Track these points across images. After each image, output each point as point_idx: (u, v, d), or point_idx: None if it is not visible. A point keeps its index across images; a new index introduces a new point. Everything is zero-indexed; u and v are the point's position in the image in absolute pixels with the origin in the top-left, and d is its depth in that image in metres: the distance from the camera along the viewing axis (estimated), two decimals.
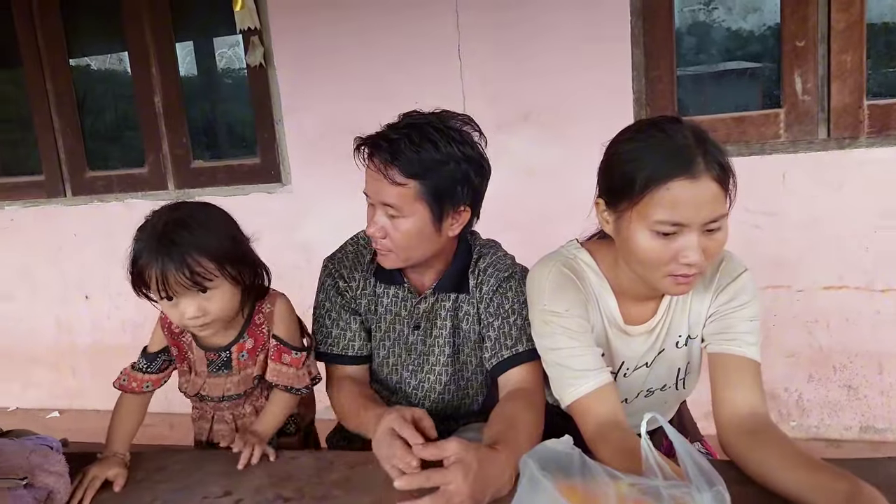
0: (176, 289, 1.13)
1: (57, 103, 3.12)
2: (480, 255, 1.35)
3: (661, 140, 1.01)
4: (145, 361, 1.31)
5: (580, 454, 0.79)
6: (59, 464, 1.10)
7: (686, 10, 2.52)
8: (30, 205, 3.23)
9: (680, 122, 1.04)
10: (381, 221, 1.23)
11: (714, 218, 0.99)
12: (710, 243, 1.01)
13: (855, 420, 2.46)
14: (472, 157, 1.23)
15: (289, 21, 2.70)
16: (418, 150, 1.17)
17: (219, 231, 1.19)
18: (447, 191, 1.21)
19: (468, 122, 1.25)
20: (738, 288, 1.15)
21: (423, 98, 2.53)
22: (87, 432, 3.25)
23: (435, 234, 1.25)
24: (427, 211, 1.21)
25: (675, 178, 0.97)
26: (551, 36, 2.45)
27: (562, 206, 2.18)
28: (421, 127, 1.19)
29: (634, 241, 1.04)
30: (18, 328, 3.37)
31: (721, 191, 0.99)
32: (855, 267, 2.35)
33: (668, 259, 1.02)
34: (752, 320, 1.14)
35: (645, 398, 1.28)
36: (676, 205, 0.98)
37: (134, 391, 1.29)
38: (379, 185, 1.20)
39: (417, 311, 1.35)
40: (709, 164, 0.98)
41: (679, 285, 1.05)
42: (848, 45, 2.23)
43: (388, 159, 1.18)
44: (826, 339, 2.43)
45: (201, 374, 1.31)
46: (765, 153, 2.36)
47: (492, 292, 1.30)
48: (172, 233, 1.13)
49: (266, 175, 2.89)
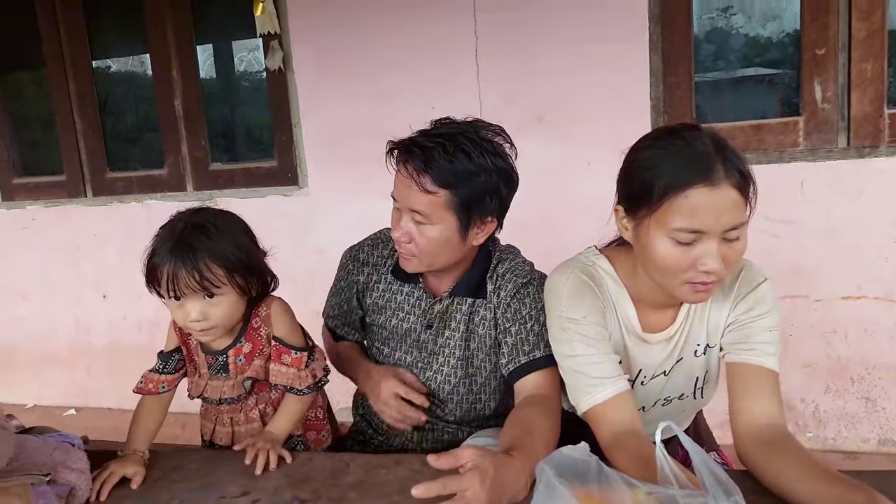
0: (184, 290, 1.16)
1: (79, 104, 3.17)
2: (499, 261, 1.36)
3: (680, 147, 1.01)
4: (160, 362, 1.33)
5: (597, 461, 0.79)
6: (81, 461, 1.11)
7: (705, 16, 2.51)
8: (51, 205, 3.28)
9: (699, 129, 1.03)
10: (407, 226, 1.24)
11: (734, 225, 0.99)
12: (729, 251, 1.01)
13: (873, 433, 2.43)
14: (503, 168, 1.24)
15: (308, 25, 2.73)
16: (452, 159, 1.18)
17: (234, 241, 1.22)
18: (476, 202, 1.22)
19: (500, 133, 1.26)
20: (758, 297, 1.14)
21: (440, 101, 2.58)
22: (104, 430, 3.29)
23: (460, 243, 1.26)
24: (455, 220, 1.22)
25: (694, 185, 0.97)
26: (569, 41, 2.45)
27: (578, 209, 2.18)
28: (455, 137, 1.20)
29: (653, 248, 1.03)
30: (37, 326, 3.42)
31: (741, 198, 0.98)
32: (874, 277, 2.32)
33: (687, 267, 1.01)
34: (771, 330, 1.13)
35: (662, 407, 1.27)
36: (695, 212, 0.97)
37: (150, 392, 1.31)
38: (409, 192, 1.21)
39: (432, 311, 1.36)
40: (728, 171, 0.97)
41: (697, 293, 1.04)
42: (868, 54, 2.21)
43: (421, 167, 1.19)
44: (844, 350, 2.40)
45: (204, 375, 1.34)
46: (783, 161, 2.35)
47: (509, 297, 1.30)
48: (190, 236, 1.17)
49: (283, 177, 2.91)
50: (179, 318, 1.23)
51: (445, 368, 1.37)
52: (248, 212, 1.34)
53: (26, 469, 1.03)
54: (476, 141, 1.20)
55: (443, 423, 1.41)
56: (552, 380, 1.23)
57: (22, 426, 1.24)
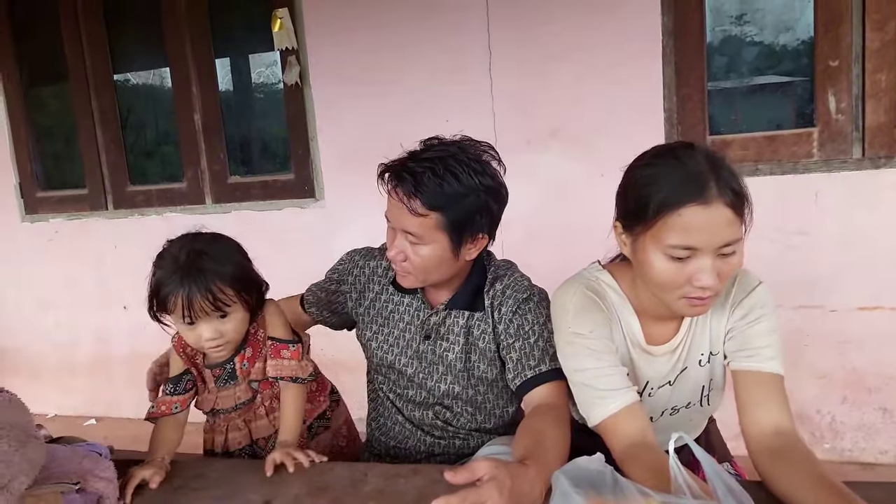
0: (199, 313, 1.23)
1: (101, 118, 3.24)
2: (497, 277, 1.38)
3: (674, 166, 1.03)
4: (171, 385, 1.38)
5: (612, 472, 0.80)
6: (109, 470, 1.15)
7: (718, 28, 2.53)
8: (73, 217, 3.36)
9: (694, 147, 1.06)
10: (401, 245, 1.28)
11: (727, 242, 1.01)
12: (724, 266, 1.03)
13: (890, 444, 2.41)
14: (492, 187, 1.27)
15: (325, 41, 2.78)
16: (441, 182, 1.21)
17: (233, 260, 1.29)
18: (467, 221, 1.25)
19: (488, 150, 1.29)
20: (753, 302, 1.16)
21: (455, 115, 2.61)
22: (124, 440, 3.32)
23: (453, 259, 1.29)
24: (447, 239, 1.26)
25: (688, 203, 0.99)
26: (582, 54, 2.48)
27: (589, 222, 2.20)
28: (444, 159, 1.23)
29: (649, 263, 1.06)
30: (59, 336, 3.49)
31: (734, 216, 1.00)
32: (890, 287, 2.31)
33: (683, 282, 1.04)
34: (769, 333, 1.15)
35: (670, 416, 1.28)
36: (689, 230, 1.00)
37: (164, 414, 1.35)
38: (401, 214, 1.25)
39: (429, 322, 1.40)
40: (721, 189, 0.99)
41: (694, 307, 1.07)
42: (883, 64, 2.21)
43: (411, 191, 1.22)
44: (860, 361, 2.39)
45: (212, 390, 1.40)
46: (797, 172, 2.35)
47: (511, 314, 1.33)
48: (196, 262, 1.23)
49: (300, 190, 2.96)
50: (192, 339, 1.29)
51: (448, 377, 1.40)
52: (266, 224, 1.38)
53: (56, 478, 1.06)
54: (465, 162, 1.23)
55: (452, 429, 1.43)
56: (560, 390, 1.25)
57: (50, 436, 1.28)
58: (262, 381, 1.40)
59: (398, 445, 1.48)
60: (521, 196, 2.56)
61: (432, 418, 1.43)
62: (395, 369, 1.44)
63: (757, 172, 2.38)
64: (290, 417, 1.35)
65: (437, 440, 1.45)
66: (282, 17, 2.76)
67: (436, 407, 1.43)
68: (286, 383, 1.37)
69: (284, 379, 1.36)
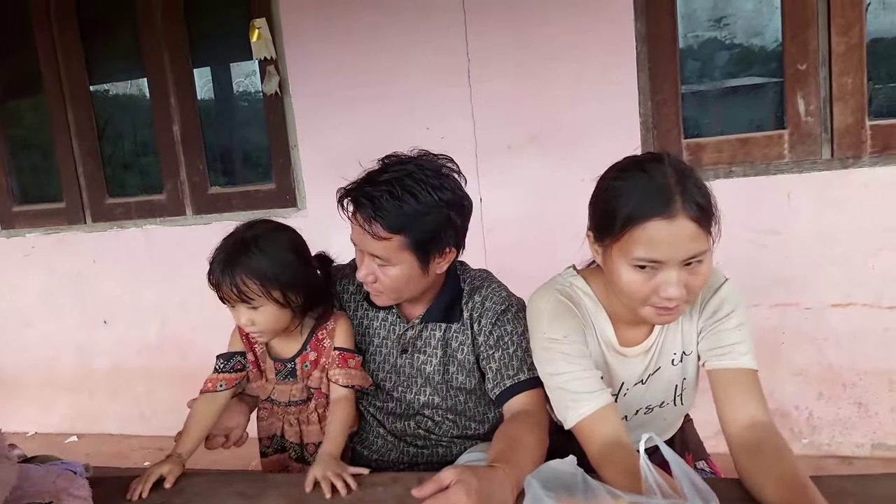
0: (227, 299, 1.31)
1: (77, 131, 3.21)
2: (474, 288, 1.39)
3: (641, 180, 1.06)
4: (221, 361, 1.43)
5: (583, 474, 0.82)
6: (83, 488, 1.15)
7: (690, 34, 2.57)
8: (50, 232, 3.32)
9: (662, 160, 1.08)
10: (369, 268, 1.29)
11: (692, 255, 1.03)
12: (691, 277, 1.06)
13: (866, 437, 2.46)
14: (453, 200, 1.26)
15: (304, 51, 2.79)
16: (400, 204, 1.21)
17: (274, 258, 1.31)
18: (432, 238, 1.25)
19: (447, 163, 1.29)
20: (721, 299, 1.19)
21: (435, 123, 2.63)
22: (106, 456, 3.31)
23: (423, 276, 1.30)
24: (413, 258, 1.26)
25: (653, 217, 1.02)
26: (559, 62, 2.51)
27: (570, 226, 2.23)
28: (401, 180, 1.22)
29: (617, 274, 1.09)
30: (38, 353, 3.44)
31: (699, 230, 1.03)
32: (862, 284, 2.36)
33: (649, 293, 1.07)
34: (739, 328, 1.17)
35: (644, 415, 1.31)
36: (653, 243, 1.02)
37: (208, 391, 1.39)
38: (364, 239, 1.25)
39: (405, 336, 1.41)
40: (686, 203, 1.02)
41: (661, 316, 1.10)
42: (848, 68, 2.27)
43: (370, 216, 1.22)
44: (835, 357, 2.44)
45: (271, 380, 1.44)
46: (770, 173, 2.40)
47: (490, 325, 1.34)
48: (234, 253, 1.30)
49: (281, 200, 2.96)
50: (236, 319, 1.35)
51: (427, 389, 1.41)
52: None
53: (30, 497, 1.06)
54: (422, 179, 1.23)
55: (435, 437, 1.44)
56: (538, 398, 1.27)
57: (24, 455, 1.27)
58: (318, 388, 1.42)
59: (381, 458, 1.49)
60: (503, 201, 2.62)
61: (414, 428, 1.44)
62: (374, 384, 1.45)
63: (731, 174, 2.43)
64: (338, 426, 1.35)
65: (420, 450, 1.46)
66: (260, 28, 2.76)
67: (417, 417, 1.44)
68: (340, 391, 1.38)
69: (354, 388, 1.38)
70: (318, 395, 1.43)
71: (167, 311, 3.13)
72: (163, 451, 1.38)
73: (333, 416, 1.37)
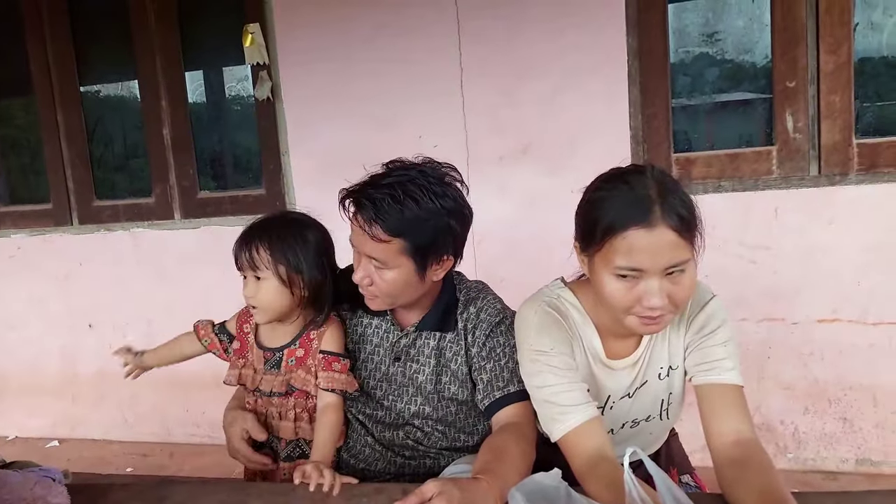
0: (241, 263, 1.38)
1: (67, 132, 3.18)
2: (470, 299, 1.39)
3: (623, 191, 1.07)
4: (218, 326, 1.55)
5: (566, 487, 0.82)
6: (62, 495, 1.12)
7: (681, 49, 2.60)
8: (36, 233, 3.29)
9: (644, 172, 1.09)
10: (366, 270, 1.29)
11: (673, 264, 1.04)
12: (674, 287, 1.06)
13: (851, 453, 2.47)
14: (454, 209, 1.28)
15: (296, 57, 2.79)
16: (402, 208, 1.22)
17: (293, 239, 1.38)
18: (431, 244, 1.26)
19: (450, 172, 1.30)
20: (707, 315, 1.20)
21: (427, 132, 2.63)
22: (89, 461, 3.26)
23: (419, 282, 1.30)
24: (411, 263, 1.26)
25: (632, 226, 1.03)
26: (551, 73, 2.52)
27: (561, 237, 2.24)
28: (404, 184, 1.23)
29: (601, 284, 1.10)
30: (23, 356, 3.40)
31: (679, 239, 1.04)
32: (848, 300, 2.38)
33: (632, 302, 1.08)
34: (725, 344, 1.18)
35: (630, 428, 1.31)
36: (633, 251, 1.04)
37: (198, 334, 1.54)
38: (363, 240, 1.25)
39: (399, 344, 1.40)
40: (666, 213, 1.03)
41: (646, 325, 1.10)
42: (837, 86, 2.29)
43: (371, 217, 1.22)
44: (821, 372, 2.45)
45: (259, 370, 1.45)
46: (758, 189, 2.42)
47: (484, 337, 1.34)
48: (263, 223, 1.41)
49: (271, 205, 2.94)
50: (243, 290, 1.41)
51: (419, 398, 1.40)
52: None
53: None
54: (425, 186, 1.24)
55: (423, 448, 1.43)
56: (526, 410, 1.27)
57: (3, 461, 1.25)
58: (298, 389, 1.42)
59: (367, 468, 1.47)
60: (494, 211, 2.62)
61: (403, 438, 1.43)
62: (364, 391, 1.44)
63: (720, 189, 2.44)
64: (326, 434, 1.35)
65: (408, 461, 1.44)
66: (253, 33, 2.76)
67: (406, 427, 1.43)
68: (328, 397, 1.38)
69: (335, 391, 1.38)
70: (299, 394, 1.43)
71: (153, 315, 3.10)
72: (146, 457, 1.36)
73: (320, 424, 1.36)
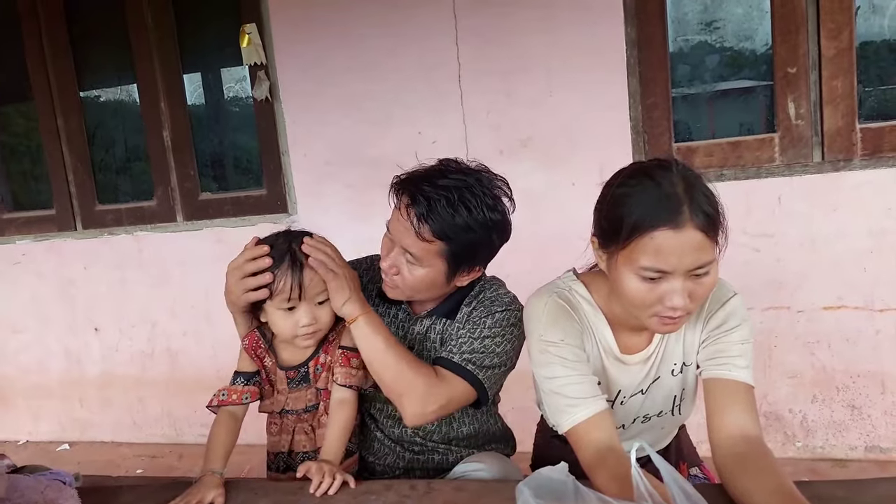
0: (307, 293, 1.27)
1: (68, 138, 3.19)
2: (482, 290, 1.39)
3: (648, 188, 1.04)
4: (242, 378, 1.38)
5: (574, 481, 0.82)
6: (73, 498, 1.13)
7: (680, 38, 2.58)
8: (41, 239, 3.30)
9: (670, 168, 1.06)
10: (396, 260, 1.29)
11: (699, 265, 1.02)
12: (697, 287, 1.05)
13: (860, 440, 2.46)
14: (500, 224, 1.29)
15: (294, 56, 2.78)
16: (453, 214, 1.22)
17: None
18: (468, 253, 1.27)
19: (502, 186, 1.30)
20: (728, 312, 1.18)
21: (427, 127, 2.63)
22: (98, 464, 3.28)
23: (444, 285, 1.31)
24: (444, 266, 1.27)
25: (659, 227, 1.00)
26: (549, 65, 2.51)
27: (562, 229, 2.23)
28: (460, 190, 1.23)
29: (622, 282, 1.08)
30: (29, 360, 3.41)
31: (706, 239, 1.01)
32: (853, 287, 2.37)
33: (654, 301, 1.05)
34: (742, 343, 1.16)
35: (642, 424, 1.30)
36: (660, 253, 1.01)
37: (234, 403, 1.35)
38: (405, 233, 1.25)
39: (412, 332, 1.40)
40: (694, 213, 1.00)
41: (665, 325, 1.09)
42: (838, 71, 2.28)
43: (423, 215, 1.22)
44: (828, 360, 2.44)
45: (283, 391, 1.40)
46: (761, 177, 2.40)
47: (479, 316, 1.33)
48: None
49: (272, 206, 2.95)
50: (287, 327, 1.30)
51: None
52: (239, 240, 1.38)
53: None
54: (479, 195, 1.24)
55: (432, 444, 1.44)
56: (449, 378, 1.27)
57: (14, 465, 1.26)
58: (324, 389, 1.40)
59: (377, 461, 1.48)
60: None
61: (411, 435, 1.43)
62: (374, 385, 1.43)
63: (722, 178, 2.43)
64: (338, 431, 1.31)
65: (416, 456, 1.45)
66: (250, 33, 2.75)
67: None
68: (344, 393, 1.34)
69: (353, 388, 1.35)
70: (325, 395, 1.41)
71: (158, 317, 3.11)
72: (155, 458, 1.36)
73: (334, 421, 1.34)
